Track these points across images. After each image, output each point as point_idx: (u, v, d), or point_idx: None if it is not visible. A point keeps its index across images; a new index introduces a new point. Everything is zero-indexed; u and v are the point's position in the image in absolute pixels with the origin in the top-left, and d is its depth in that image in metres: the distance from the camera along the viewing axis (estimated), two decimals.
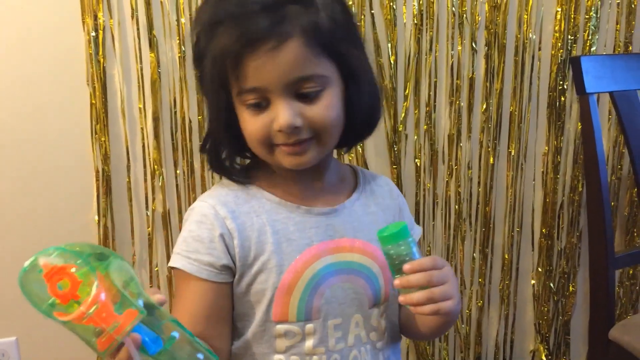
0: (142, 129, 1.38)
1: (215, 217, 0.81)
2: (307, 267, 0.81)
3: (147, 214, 1.42)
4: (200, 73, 0.83)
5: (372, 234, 0.83)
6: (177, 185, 1.42)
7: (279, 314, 0.82)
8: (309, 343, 0.82)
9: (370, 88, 0.83)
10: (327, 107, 0.78)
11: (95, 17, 1.31)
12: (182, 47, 1.35)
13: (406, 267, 0.72)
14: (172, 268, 0.83)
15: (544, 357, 1.71)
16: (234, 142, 0.83)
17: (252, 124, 0.78)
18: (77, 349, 1.43)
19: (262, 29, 0.73)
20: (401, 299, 0.74)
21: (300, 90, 0.76)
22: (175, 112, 1.38)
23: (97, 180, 1.38)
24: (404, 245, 0.73)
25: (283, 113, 0.76)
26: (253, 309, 0.83)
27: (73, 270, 0.59)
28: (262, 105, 0.77)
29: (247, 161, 0.90)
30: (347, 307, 0.84)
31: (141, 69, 1.35)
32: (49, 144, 1.36)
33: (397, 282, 0.73)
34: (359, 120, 0.83)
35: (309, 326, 0.82)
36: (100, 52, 1.32)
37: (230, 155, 0.86)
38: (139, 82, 1.36)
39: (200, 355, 0.65)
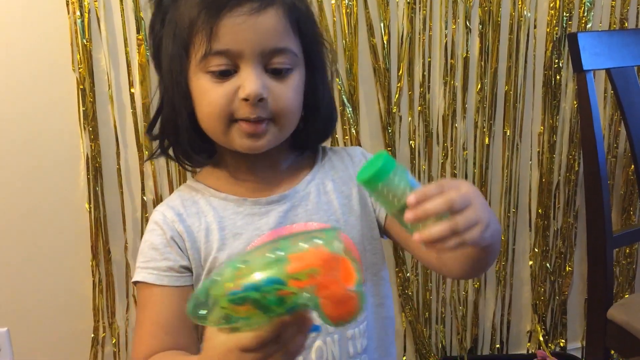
0: (133, 113, 1.35)
1: (164, 222, 0.80)
2: None
3: (143, 199, 1.40)
4: (157, 40, 0.79)
5: (328, 215, 0.82)
6: (168, 171, 1.40)
7: None
8: None
9: (328, 91, 0.83)
10: (293, 89, 0.76)
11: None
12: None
13: (410, 198, 0.57)
14: (135, 284, 0.79)
15: (541, 338, 1.70)
16: (192, 124, 0.78)
17: (213, 92, 0.73)
18: (68, 339, 1.43)
19: None
20: (416, 237, 0.58)
21: (272, 64, 0.74)
22: None
23: (87, 167, 1.35)
24: (396, 176, 0.58)
25: (252, 80, 0.72)
26: None
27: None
28: (228, 73, 0.73)
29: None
30: None
31: (129, 52, 1.32)
32: (36, 132, 1.33)
33: (408, 215, 0.58)
34: (321, 113, 0.81)
35: None
36: (87, 36, 1.29)
37: (187, 141, 0.80)
38: (128, 66, 1.33)
39: None
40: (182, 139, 0.80)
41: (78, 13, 1.27)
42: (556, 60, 1.54)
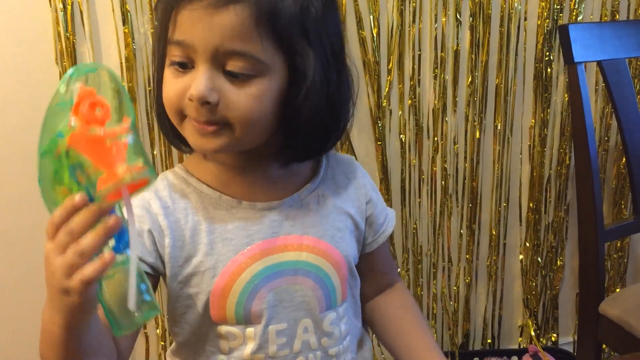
0: None
1: (148, 213, 0.75)
2: (244, 270, 0.75)
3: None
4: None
5: (324, 230, 0.79)
6: (154, 166, 1.37)
7: (217, 316, 0.76)
8: (249, 348, 0.76)
9: (318, 103, 0.72)
10: (254, 97, 0.68)
11: None
12: (156, 22, 1.29)
13: None
14: None
15: (532, 332, 1.70)
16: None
17: (169, 86, 0.71)
18: None
19: None
20: None
21: (227, 66, 0.68)
22: (151, 90, 1.33)
23: None
24: None
25: (199, 80, 0.67)
26: (186, 313, 0.77)
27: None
28: (186, 66, 0.70)
29: None
30: (293, 311, 0.77)
31: (114, 46, 1.30)
32: (18, 128, 1.31)
33: None
34: (299, 128, 0.73)
35: (249, 330, 0.76)
36: (70, 29, 1.27)
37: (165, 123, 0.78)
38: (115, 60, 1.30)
39: (143, 287, 0.58)
40: (161, 122, 0.79)
41: (61, 5, 1.25)
42: (547, 53, 1.52)
